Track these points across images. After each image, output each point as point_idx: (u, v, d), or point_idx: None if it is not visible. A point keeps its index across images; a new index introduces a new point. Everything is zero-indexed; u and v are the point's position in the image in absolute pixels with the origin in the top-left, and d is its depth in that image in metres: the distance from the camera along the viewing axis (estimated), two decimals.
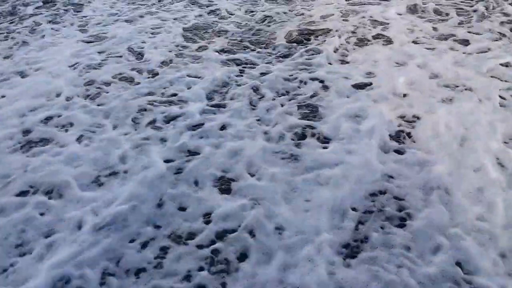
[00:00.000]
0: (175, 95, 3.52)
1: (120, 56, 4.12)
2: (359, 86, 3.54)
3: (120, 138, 3.03)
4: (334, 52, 4.11)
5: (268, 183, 2.63)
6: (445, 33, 4.40)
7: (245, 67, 3.90)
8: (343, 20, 4.81)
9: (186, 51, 4.19)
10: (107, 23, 4.78)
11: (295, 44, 4.29)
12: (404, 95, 3.42)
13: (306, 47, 4.21)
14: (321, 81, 3.65)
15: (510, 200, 2.46)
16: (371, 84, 3.57)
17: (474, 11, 4.87)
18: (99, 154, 2.89)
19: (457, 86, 3.50)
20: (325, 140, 2.98)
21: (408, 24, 4.60)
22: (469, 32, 4.39)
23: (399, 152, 2.86)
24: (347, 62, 3.93)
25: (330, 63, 3.92)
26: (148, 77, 3.76)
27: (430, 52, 4.02)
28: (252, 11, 5.09)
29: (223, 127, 3.13)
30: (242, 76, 3.76)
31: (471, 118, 3.13)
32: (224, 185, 2.64)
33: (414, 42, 4.23)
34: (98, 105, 3.40)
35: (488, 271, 2.10)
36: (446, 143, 2.90)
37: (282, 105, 3.36)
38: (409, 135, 3.00)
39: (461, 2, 5.17)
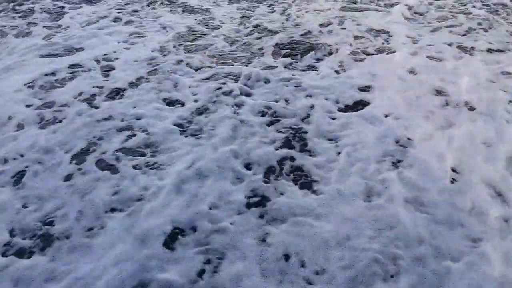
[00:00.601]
0: (138, 118, 3.04)
1: (88, 71, 3.65)
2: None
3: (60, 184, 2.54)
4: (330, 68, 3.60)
5: None
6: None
7: (223, 89, 3.39)
8: (341, 29, 4.29)
9: (161, 67, 3.70)
10: (81, 33, 4.32)
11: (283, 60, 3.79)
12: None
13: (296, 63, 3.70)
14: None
15: None
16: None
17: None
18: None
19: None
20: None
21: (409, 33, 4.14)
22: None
23: None
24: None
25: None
26: (111, 99, 3.28)
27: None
28: (246, 20, 4.58)
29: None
30: (221, 100, 3.25)
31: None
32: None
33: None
34: (53, 132, 2.94)
35: None
36: None
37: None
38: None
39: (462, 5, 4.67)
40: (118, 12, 4.79)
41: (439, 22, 4.49)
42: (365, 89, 3.39)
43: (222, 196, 2.42)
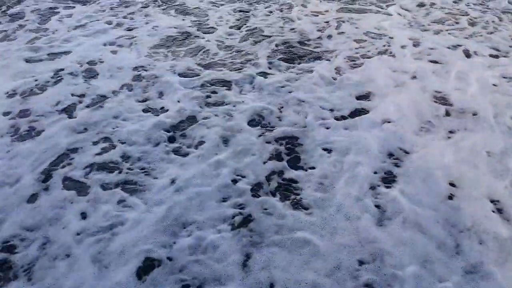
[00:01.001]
0: (117, 129, 2.84)
1: (72, 76, 3.46)
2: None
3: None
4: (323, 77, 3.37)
5: None
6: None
7: (212, 99, 3.18)
8: (338, 33, 4.05)
9: (147, 73, 3.49)
10: (68, 36, 4.13)
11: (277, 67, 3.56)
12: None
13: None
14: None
15: None
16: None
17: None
18: None
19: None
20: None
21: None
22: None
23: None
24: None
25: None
26: (91, 108, 3.08)
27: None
28: (242, 23, 4.36)
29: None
30: (209, 111, 3.04)
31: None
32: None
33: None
34: (24, 144, 2.75)
35: None
36: None
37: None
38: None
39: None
40: (110, 15, 4.60)
41: (441, 24, 4.27)
42: (363, 96, 3.18)
43: (206, 216, 2.21)
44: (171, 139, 2.77)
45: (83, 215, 2.23)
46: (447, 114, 2.97)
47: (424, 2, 4.79)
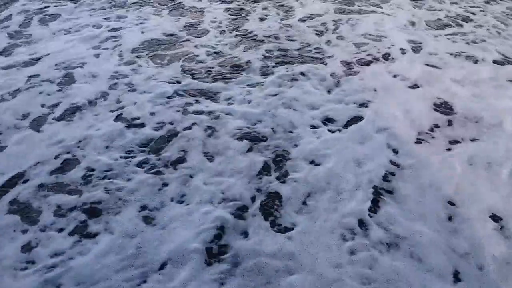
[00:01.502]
0: (84, 144, 2.58)
1: (47, 83, 3.21)
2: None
3: None
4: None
5: None
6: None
7: (195, 109, 2.92)
8: (336, 37, 3.77)
9: (127, 80, 3.23)
10: (50, 37, 3.88)
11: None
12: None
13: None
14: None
15: None
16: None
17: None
18: None
19: None
20: None
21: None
22: None
23: None
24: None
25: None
26: (61, 120, 2.83)
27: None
28: (236, 26, 4.08)
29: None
30: (192, 122, 2.78)
31: None
32: None
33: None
34: None
35: None
36: None
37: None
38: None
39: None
40: (101, 15, 4.34)
41: (442, 29, 4.00)
42: (359, 105, 2.95)
43: (178, 249, 1.95)
44: (144, 156, 2.50)
45: (27, 247, 1.98)
46: (449, 123, 2.75)
47: (423, 3, 4.52)
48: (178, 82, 3.21)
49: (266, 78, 3.24)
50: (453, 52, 3.58)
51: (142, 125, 2.76)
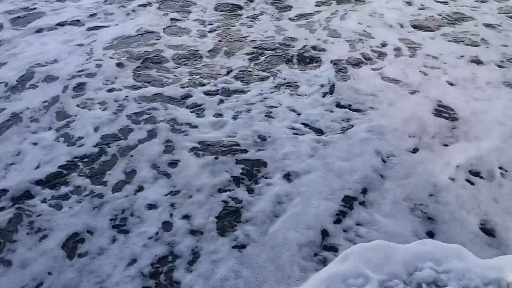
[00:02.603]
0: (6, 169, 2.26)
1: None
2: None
3: None
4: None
5: None
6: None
7: (153, 117, 2.56)
8: (327, 35, 3.30)
9: (92, 84, 2.91)
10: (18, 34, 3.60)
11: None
12: None
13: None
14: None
15: None
16: None
17: None
18: None
19: None
20: None
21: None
22: None
23: None
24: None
25: None
26: None
27: None
28: (220, 27, 3.65)
29: None
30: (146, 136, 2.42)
31: None
32: None
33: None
34: None
35: None
36: None
37: None
38: None
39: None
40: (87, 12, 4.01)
41: (440, 28, 3.61)
42: (349, 110, 2.66)
43: None
44: (72, 185, 2.15)
45: None
46: (445, 127, 2.49)
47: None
48: (139, 85, 2.86)
49: (244, 82, 2.86)
50: (451, 52, 3.23)
51: (80, 143, 2.40)
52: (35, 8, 4.03)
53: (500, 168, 2.22)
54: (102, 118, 2.58)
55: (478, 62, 3.13)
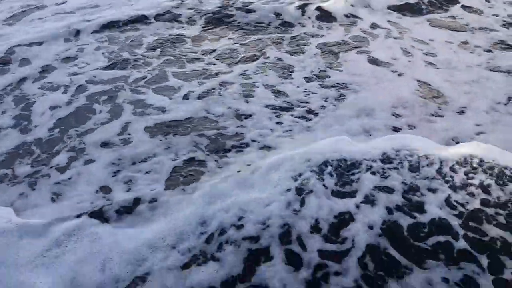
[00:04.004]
0: None
1: None
2: None
3: None
4: None
5: None
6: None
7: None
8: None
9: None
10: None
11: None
12: None
13: None
14: None
15: None
16: None
17: None
18: None
19: None
20: None
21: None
22: None
23: None
24: None
25: None
26: None
27: None
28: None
29: None
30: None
31: None
32: None
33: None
34: None
35: None
36: None
37: None
38: None
39: None
40: None
41: (431, 13, 3.59)
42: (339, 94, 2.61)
43: None
44: None
45: None
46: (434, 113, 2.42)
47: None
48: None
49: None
50: (438, 35, 3.22)
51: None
52: None
53: None
54: None
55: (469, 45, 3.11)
